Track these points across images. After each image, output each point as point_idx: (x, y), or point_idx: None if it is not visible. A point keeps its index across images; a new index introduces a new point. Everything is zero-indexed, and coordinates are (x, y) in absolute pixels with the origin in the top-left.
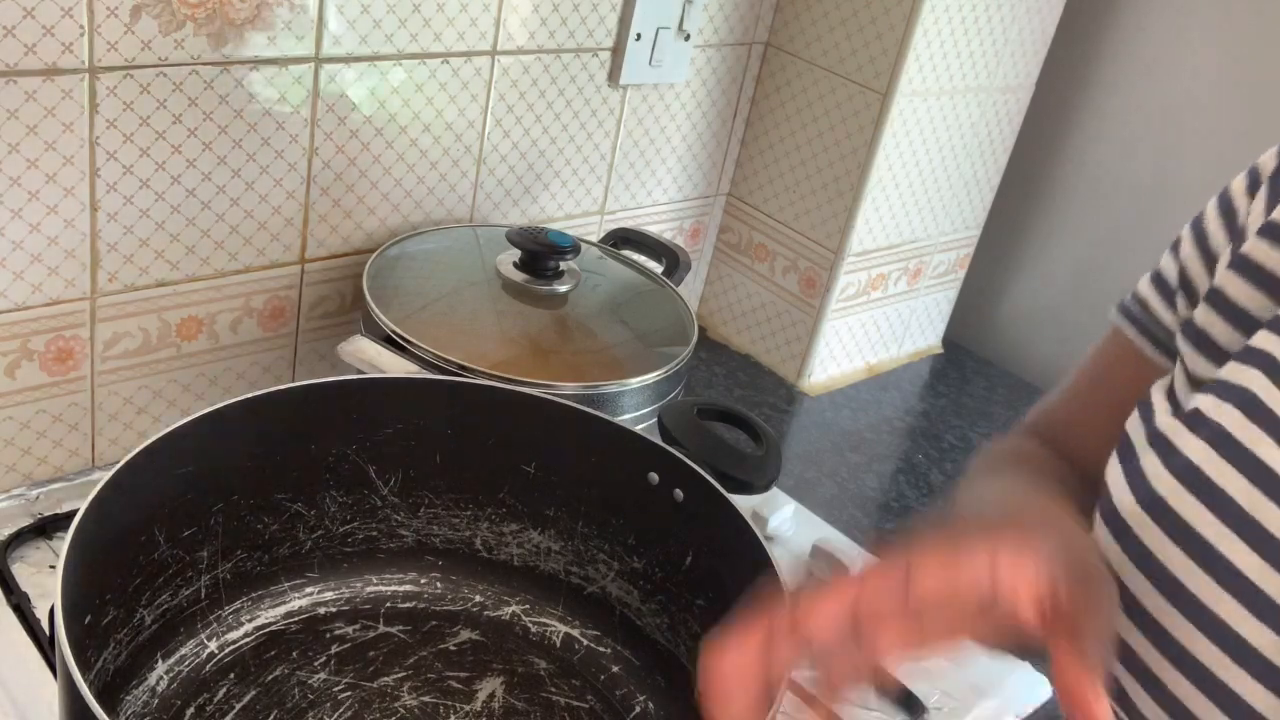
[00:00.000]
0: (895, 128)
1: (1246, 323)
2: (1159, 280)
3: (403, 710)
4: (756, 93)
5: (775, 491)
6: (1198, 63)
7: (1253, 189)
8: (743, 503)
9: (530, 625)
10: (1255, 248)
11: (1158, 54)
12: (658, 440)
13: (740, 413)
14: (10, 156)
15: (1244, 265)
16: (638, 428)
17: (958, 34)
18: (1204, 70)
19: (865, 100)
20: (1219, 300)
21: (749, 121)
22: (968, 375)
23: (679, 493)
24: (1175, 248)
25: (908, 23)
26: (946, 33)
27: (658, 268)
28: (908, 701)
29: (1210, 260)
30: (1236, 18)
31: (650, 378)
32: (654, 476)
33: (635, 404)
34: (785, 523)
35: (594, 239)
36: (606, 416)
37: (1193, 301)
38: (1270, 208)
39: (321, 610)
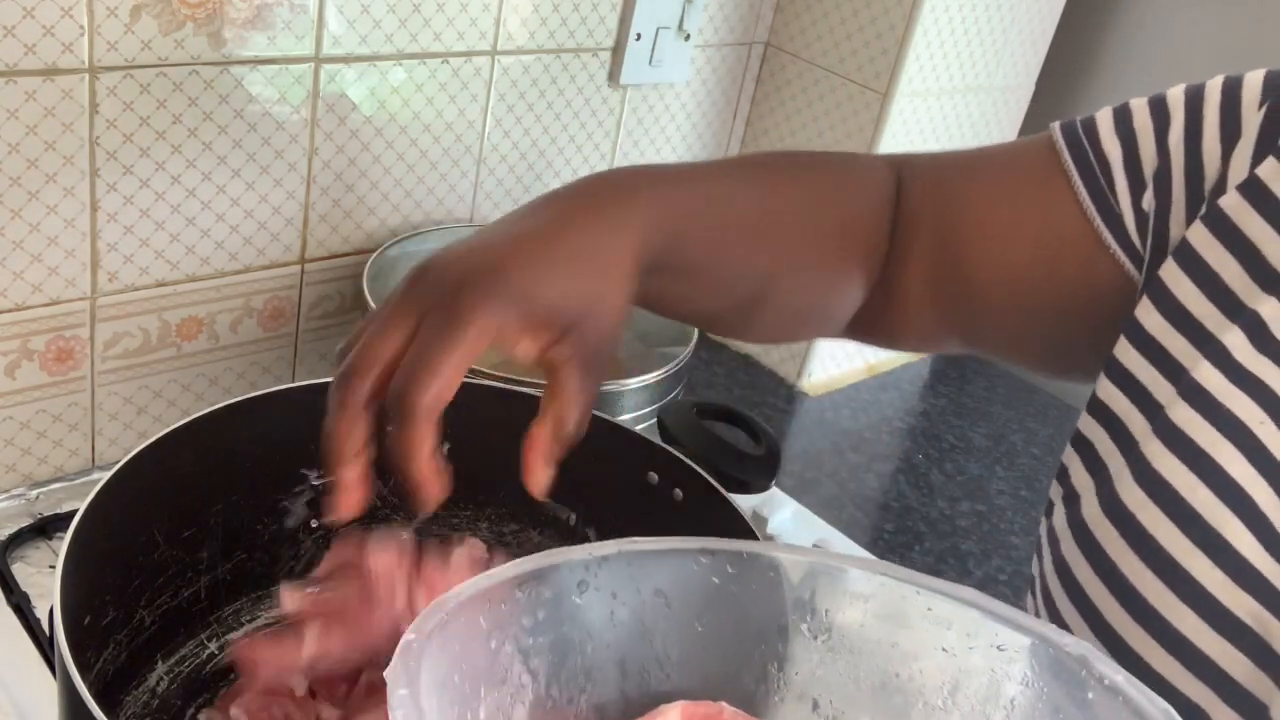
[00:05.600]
0: (895, 128)
1: (1224, 298)
2: (1121, 111)
3: None
4: (756, 93)
5: (775, 491)
6: (1198, 63)
7: (1231, 137)
8: (743, 502)
9: None
10: (1235, 204)
11: (1158, 54)
12: (658, 440)
13: (740, 412)
14: (10, 156)
15: (1220, 224)
16: (638, 428)
17: (958, 34)
18: (1204, 70)
19: (865, 100)
20: (1190, 259)
21: (749, 121)
22: (968, 375)
23: (678, 492)
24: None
25: (908, 23)
26: (946, 33)
27: None
28: None
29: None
30: (1237, 18)
31: (650, 378)
32: (654, 476)
33: (635, 404)
34: (785, 523)
35: None
36: (606, 416)
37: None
38: (1256, 162)
39: None
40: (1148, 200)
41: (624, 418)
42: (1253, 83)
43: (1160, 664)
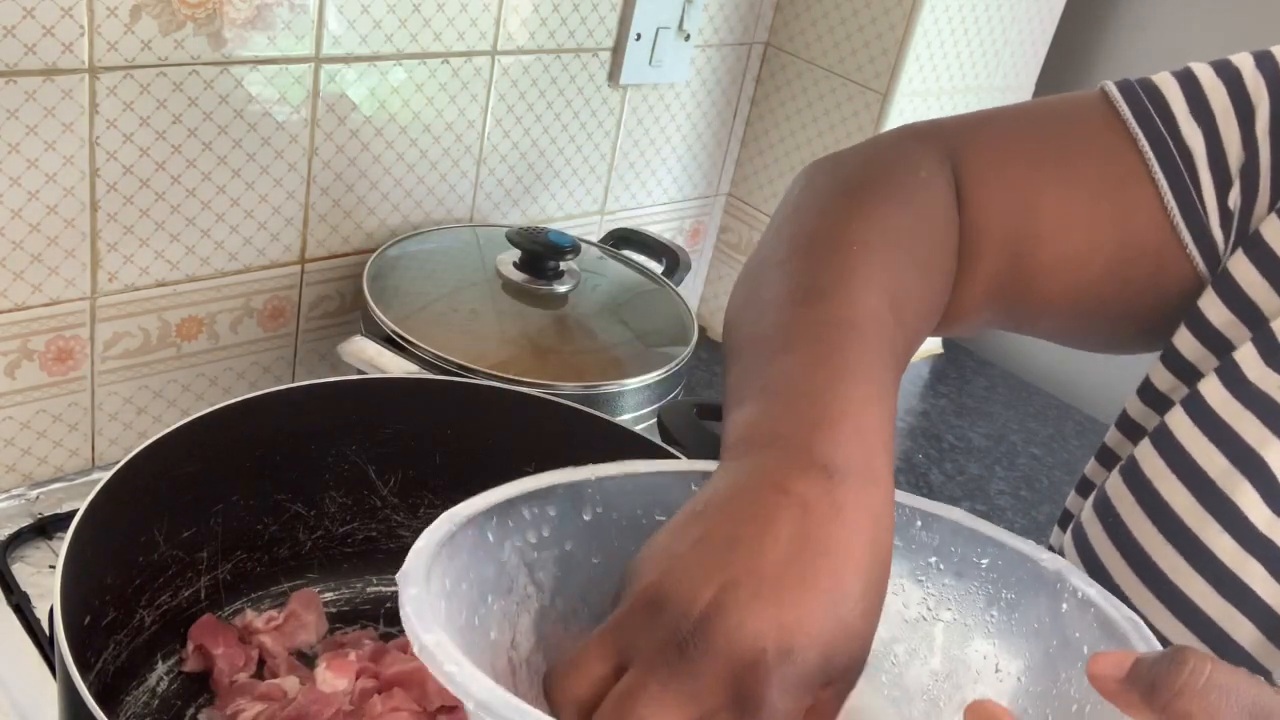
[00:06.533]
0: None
1: None
2: (1191, 86)
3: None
4: (756, 93)
5: None
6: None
7: None
8: None
9: None
10: None
11: (1158, 54)
12: (658, 440)
13: None
14: (10, 156)
15: None
16: (638, 428)
17: (958, 34)
18: None
19: (865, 100)
20: (1261, 252)
21: (749, 121)
22: (968, 375)
23: None
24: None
25: (908, 23)
26: (946, 33)
27: (658, 268)
28: None
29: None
30: (1237, 18)
31: (650, 378)
32: None
33: (635, 404)
34: None
35: (594, 239)
36: (606, 416)
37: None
38: None
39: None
40: (1234, 198)
41: (624, 418)
42: None
43: (1168, 628)
